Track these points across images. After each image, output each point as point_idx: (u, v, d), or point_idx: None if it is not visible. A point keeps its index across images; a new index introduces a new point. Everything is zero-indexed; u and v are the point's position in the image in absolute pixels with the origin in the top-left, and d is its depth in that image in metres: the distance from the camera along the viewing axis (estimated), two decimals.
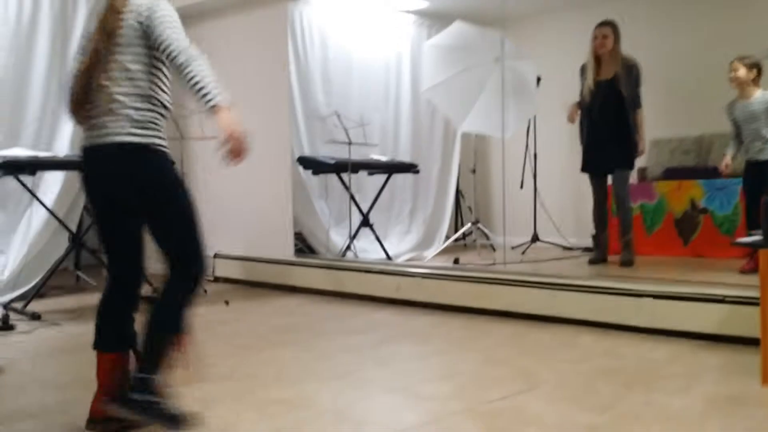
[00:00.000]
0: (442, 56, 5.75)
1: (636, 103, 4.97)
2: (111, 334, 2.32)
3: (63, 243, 5.05)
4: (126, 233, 2.30)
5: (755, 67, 4.48)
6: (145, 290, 5.07)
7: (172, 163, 2.33)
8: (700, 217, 5.42)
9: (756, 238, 2.92)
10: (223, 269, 5.87)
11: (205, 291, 5.17)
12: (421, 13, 6.63)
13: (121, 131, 2.17)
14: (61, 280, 5.59)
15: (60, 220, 4.93)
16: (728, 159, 4.69)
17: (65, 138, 5.20)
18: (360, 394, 2.69)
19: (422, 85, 6.04)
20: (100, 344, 2.32)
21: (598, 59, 5.00)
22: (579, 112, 5.13)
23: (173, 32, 2.14)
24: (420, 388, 2.75)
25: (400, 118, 6.51)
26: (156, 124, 2.22)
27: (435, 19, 6.61)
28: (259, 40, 5.71)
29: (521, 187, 6.19)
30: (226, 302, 4.82)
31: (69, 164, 4.63)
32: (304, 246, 5.79)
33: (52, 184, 5.05)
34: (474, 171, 5.95)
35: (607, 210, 5.23)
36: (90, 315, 4.43)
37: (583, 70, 5.15)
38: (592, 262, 5.18)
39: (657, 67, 5.47)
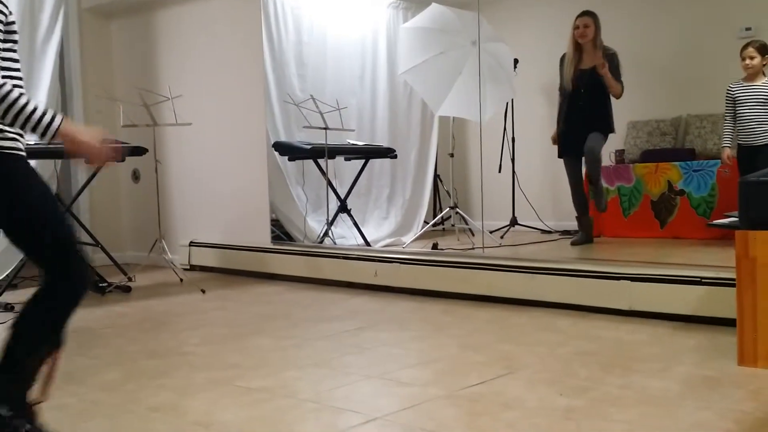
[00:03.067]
0: (418, 39, 5.71)
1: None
2: None
3: None
4: None
5: (766, 52, 4.49)
6: (120, 279, 5.00)
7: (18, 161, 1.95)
8: (677, 199, 5.46)
9: (732, 219, 2.93)
10: (199, 257, 5.81)
11: (182, 280, 5.13)
12: None
13: None
14: (34, 270, 5.49)
15: None
16: (729, 151, 4.71)
17: None
18: (339, 381, 2.67)
19: (399, 68, 6.00)
20: None
21: (578, 48, 5.04)
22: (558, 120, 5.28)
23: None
24: (399, 374, 2.74)
25: (377, 102, 6.45)
26: None
27: (411, 2, 6.55)
28: (231, 24, 5.63)
29: (499, 170, 6.19)
30: (203, 291, 4.77)
31: (39, 153, 4.53)
32: (281, 233, 5.74)
33: None
34: (452, 155, 5.93)
35: (585, 191, 5.29)
36: None
37: (562, 60, 5.17)
38: (575, 243, 5.23)
39: (633, 49, 5.48)
